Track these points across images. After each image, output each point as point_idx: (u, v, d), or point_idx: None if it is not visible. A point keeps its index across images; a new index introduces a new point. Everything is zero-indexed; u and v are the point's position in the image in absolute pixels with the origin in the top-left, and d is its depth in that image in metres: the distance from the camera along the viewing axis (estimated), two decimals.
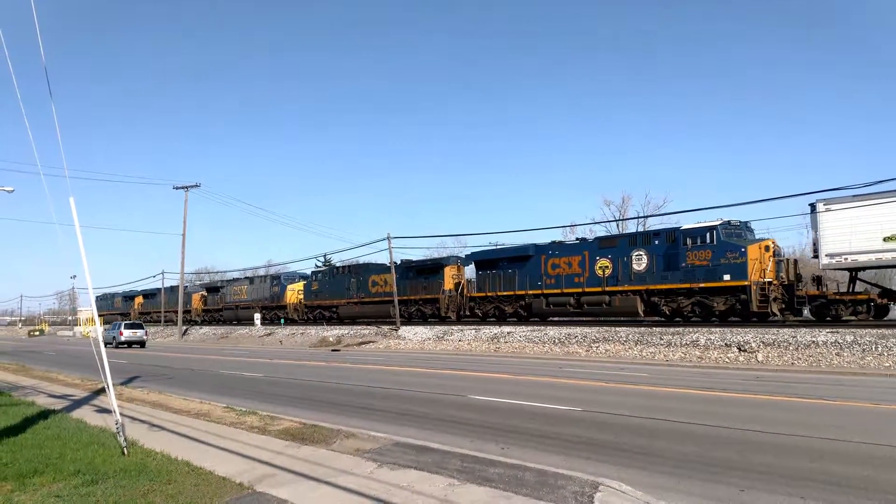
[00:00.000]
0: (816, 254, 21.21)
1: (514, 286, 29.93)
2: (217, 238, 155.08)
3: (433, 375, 16.51)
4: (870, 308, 20.95)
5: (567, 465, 6.25)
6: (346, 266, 43.03)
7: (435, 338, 29.30)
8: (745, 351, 18.38)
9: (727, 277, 22.31)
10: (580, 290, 27.16)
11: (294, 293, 45.72)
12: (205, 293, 58.62)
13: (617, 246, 26.35)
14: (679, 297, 24.10)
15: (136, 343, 38.19)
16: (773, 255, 22.18)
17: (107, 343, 42.84)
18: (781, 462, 6.43)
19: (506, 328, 27.79)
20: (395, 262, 35.30)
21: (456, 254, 43.55)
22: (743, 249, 22.05)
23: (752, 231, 23.97)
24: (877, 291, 22.02)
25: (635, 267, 25.19)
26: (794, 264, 23.37)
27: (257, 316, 46.42)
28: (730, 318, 23.29)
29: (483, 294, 31.89)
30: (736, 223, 23.46)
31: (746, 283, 21.74)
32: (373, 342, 31.48)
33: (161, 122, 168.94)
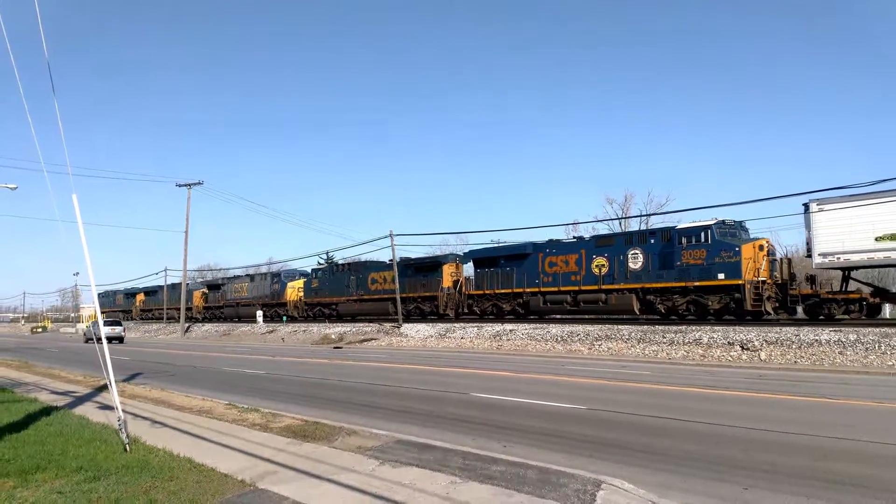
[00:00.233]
0: (810, 253, 21.31)
1: (512, 284, 29.99)
2: (219, 236, 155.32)
3: (435, 373, 16.51)
4: (862, 307, 21.08)
5: (569, 463, 6.22)
6: (346, 264, 43.06)
7: (437, 335, 29.30)
8: (748, 349, 18.34)
9: (721, 276, 22.41)
10: (577, 289, 27.26)
11: (294, 291, 45.80)
12: (206, 290, 58.73)
13: (613, 245, 26.47)
14: (674, 296, 24.19)
15: (115, 339, 40.27)
16: (767, 255, 22.30)
17: (87, 339, 43.43)
18: (785, 461, 6.40)
19: (508, 326, 27.78)
20: (393, 260, 35.34)
21: (457, 252, 43.59)
22: (737, 248, 22.16)
23: (747, 230, 24.09)
24: (869, 291, 22.09)
25: (631, 265, 25.28)
26: (789, 263, 23.54)
27: (259, 313, 46.47)
28: (724, 317, 23.35)
29: (481, 292, 31.95)
30: (730, 222, 23.55)
31: (740, 282, 21.83)
32: (375, 339, 31.51)
33: (163, 120, 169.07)
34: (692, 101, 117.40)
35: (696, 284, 23.14)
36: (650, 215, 45.31)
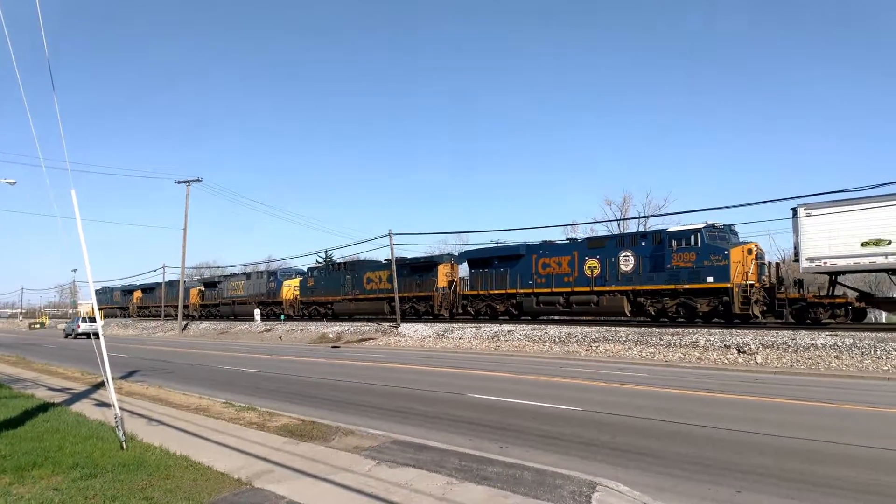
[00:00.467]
0: (797, 257, 21.46)
1: (506, 285, 30.07)
2: (217, 233, 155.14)
3: (433, 373, 16.52)
4: (847, 311, 21.18)
5: (565, 465, 6.25)
6: (342, 263, 42.99)
7: (435, 335, 29.31)
8: (745, 352, 18.38)
9: (710, 279, 22.52)
10: (569, 290, 27.34)
11: (290, 289, 45.74)
12: (202, 288, 58.61)
13: (605, 247, 26.56)
14: (664, 298, 24.29)
15: (94, 334, 40.12)
16: (756, 259, 22.45)
17: (67, 334, 43.34)
18: (779, 464, 6.44)
19: (506, 327, 27.80)
20: (391, 260, 35.33)
21: (453, 252, 43.58)
22: (726, 252, 22.29)
23: (737, 234, 24.23)
24: (854, 295, 22.21)
25: (622, 267, 25.39)
26: (777, 267, 23.69)
27: (257, 311, 46.39)
28: (713, 320, 23.45)
29: (476, 292, 32.00)
30: (720, 226, 23.65)
31: (729, 286, 21.95)
32: (373, 339, 31.50)
33: (163, 117, 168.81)
34: (692, 102, 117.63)
35: (686, 287, 23.26)
36: (648, 217, 45.31)
